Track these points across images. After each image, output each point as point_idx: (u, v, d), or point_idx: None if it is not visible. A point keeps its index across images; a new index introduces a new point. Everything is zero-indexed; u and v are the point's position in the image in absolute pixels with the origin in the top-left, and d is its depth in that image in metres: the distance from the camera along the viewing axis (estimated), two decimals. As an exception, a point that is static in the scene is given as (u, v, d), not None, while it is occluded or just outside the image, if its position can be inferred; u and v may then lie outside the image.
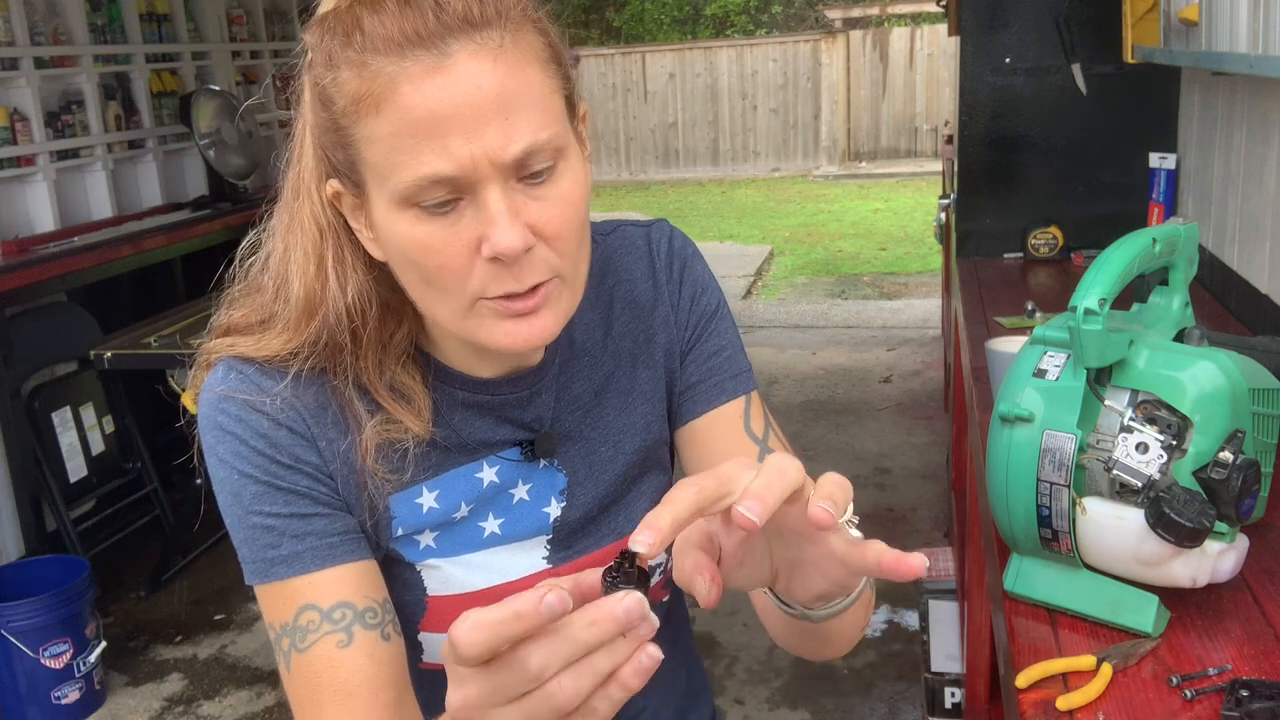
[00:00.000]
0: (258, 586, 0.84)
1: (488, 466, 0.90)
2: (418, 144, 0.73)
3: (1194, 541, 0.99)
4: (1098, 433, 1.06)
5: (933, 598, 2.82)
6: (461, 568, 0.89)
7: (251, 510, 0.82)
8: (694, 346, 0.98)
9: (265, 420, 0.82)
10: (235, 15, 5.02)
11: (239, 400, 0.83)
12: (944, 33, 8.73)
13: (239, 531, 0.84)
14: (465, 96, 0.72)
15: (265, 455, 0.82)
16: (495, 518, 0.90)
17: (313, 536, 0.83)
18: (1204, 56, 1.92)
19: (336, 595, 0.82)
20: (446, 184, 0.73)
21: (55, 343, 3.67)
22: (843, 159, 13.33)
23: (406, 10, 0.73)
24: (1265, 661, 1.00)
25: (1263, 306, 2.01)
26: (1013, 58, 2.94)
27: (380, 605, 0.84)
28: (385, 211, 0.77)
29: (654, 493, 0.96)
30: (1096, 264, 1.05)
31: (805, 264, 8.78)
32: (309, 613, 0.81)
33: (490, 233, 0.74)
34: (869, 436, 4.63)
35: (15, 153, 3.73)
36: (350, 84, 0.74)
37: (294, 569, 0.82)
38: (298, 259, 0.84)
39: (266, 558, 0.82)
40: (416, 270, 0.78)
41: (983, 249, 3.04)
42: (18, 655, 2.84)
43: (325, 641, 0.81)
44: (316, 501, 0.84)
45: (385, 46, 0.73)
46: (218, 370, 0.85)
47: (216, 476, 0.84)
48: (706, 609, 0.75)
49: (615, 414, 0.95)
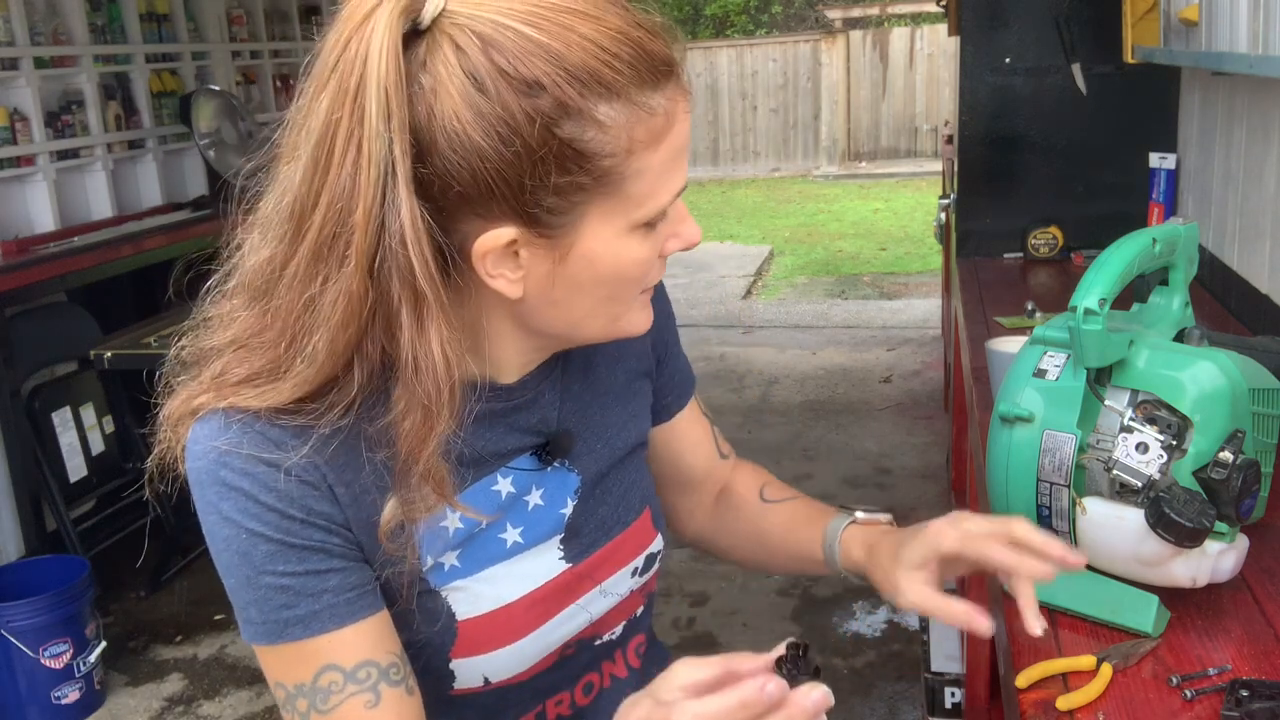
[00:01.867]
0: (265, 647, 0.80)
1: (502, 478, 0.89)
2: (675, 166, 0.78)
3: (1194, 541, 0.99)
4: (1098, 433, 1.06)
5: (933, 598, 2.82)
6: (488, 583, 0.87)
7: (264, 570, 0.78)
8: (668, 355, 1.06)
9: (274, 471, 0.77)
10: (235, 15, 5.02)
11: (244, 452, 0.77)
12: (944, 33, 8.73)
13: (248, 592, 0.79)
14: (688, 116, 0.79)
15: (276, 510, 0.77)
16: (514, 527, 0.90)
17: (329, 594, 0.79)
18: (1204, 56, 1.92)
19: (359, 654, 0.79)
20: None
21: (55, 343, 3.66)
22: (843, 159, 13.33)
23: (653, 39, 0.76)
24: (1265, 661, 1.00)
25: (1263, 306, 2.01)
26: (1013, 58, 2.94)
27: (400, 658, 0.82)
28: (610, 241, 0.78)
29: (639, 482, 1.00)
30: (1096, 264, 1.05)
31: (805, 264, 8.78)
32: (330, 673, 0.79)
33: (683, 230, 0.83)
34: (869, 436, 4.63)
35: (15, 153, 3.73)
36: (623, 124, 0.73)
37: (311, 629, 0.79)
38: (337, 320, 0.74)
39: (280, 619, 0.79)
40: (610, 287, 0.81)
41: (983, 249, 3.04)
42: (18, 655, 2.84)
43: (352, 703, 0.79)
44: (331, 555, 0.79)
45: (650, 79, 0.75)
46: (212, 421, 0.78)
47: (219, 534, 0.79)
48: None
49: (604, 411, 0.97)
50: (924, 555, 0.92)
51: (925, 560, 0.92)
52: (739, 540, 1.15)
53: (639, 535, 0.98)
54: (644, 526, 0.99)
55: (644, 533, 0.99)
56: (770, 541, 1.11)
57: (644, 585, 1.00)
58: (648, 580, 1.00)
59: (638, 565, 0.98)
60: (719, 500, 1.16)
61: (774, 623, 3.30)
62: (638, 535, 0.98)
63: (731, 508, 1.15)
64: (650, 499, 1.01)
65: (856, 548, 1.02)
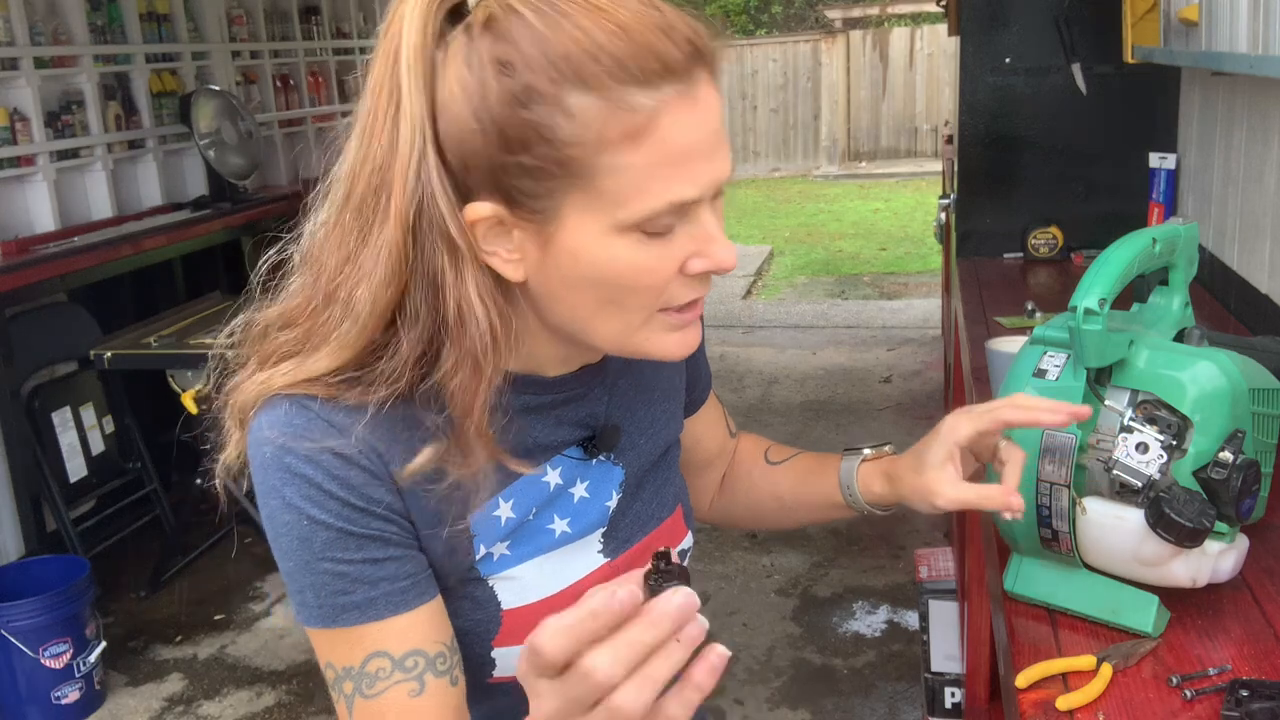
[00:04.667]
0: (318, 629, 0.82)
1: (551, 469, 0.90)
2: (672, 173, 0.75)
3: (1194, 541, 0.99)
4: (1098, 433, 1.06)
5: (933, 598, 2.82)
6: (535, 573, 0.89)
7: (323, 557, 0.80)
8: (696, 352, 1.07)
9: (339, 461, 0.79)
10: (235, 15, 5.02)
11: (309, 441, 0.79)
12: (944, 33, 8.73)
13: (305, 576, 0.80)
14: (708, 126, 0.76)
15: (338, 499, 0.79)
16: (560, 518, 0.91)
17: (385, 582, 0.81)
18: (1204, 56, 1.92)
19: (409, 643, 0.81)
20: (683, 209, 0.77)
21: (55, 343, 3.66)
22: (843, 159, 13.33)
23: (662, 40, 0.74)
24: (1265, 661, 1.00)
25: (1263, 306, 2.01)
26: (1013, 58, 2.94)
27: (448, 648, 0.84)
28: (594, 237, 0.76)
29: (673, 479, 1.02)
30: (1096, 264, 1.05)
31: (805, 264, 8.79)
32: (379, 660, 0.81)
33: (710, 250, 0.79)
34: (869, 436, 4.62)
35: (15, 153, 3.73)
36: (594, 116, 0.73)
37: (366, 616, 0.80)
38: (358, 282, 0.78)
39: (336, 604, 0.80)
40: (607, 290, 0.79)
41: (983, 249, 3.04)
42: (18, 655, 2.84)
43: (397, 690, 0.80)
44: (389, 544, 0.81)
45: (641, 77, 0.73)
46: (279, 408, 0.80)
47: (280, 519, 0.80)
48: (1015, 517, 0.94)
49: (646, 408, 0.98)
50: (946, 451, 0.97)
51: (949, 455, 0.97)
52: (756, 505, 1.19)
53: (672, 531, 0.99)
54: (676, 523, 1.00)
55: (676, 529, 1.00)
56: (787, 499, 1.15)
57: None
58: None
59: None
60: (728, 473, 1.21)
61: (774, 623, 3.30)
62: (670, 531, 0.99)
63: (741, 476, 1.19)
64: (682, 496, 1.02)
65: (875, 481, 1.06)
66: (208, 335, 3.46)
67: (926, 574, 3.01)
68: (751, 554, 3.68)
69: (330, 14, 5.81)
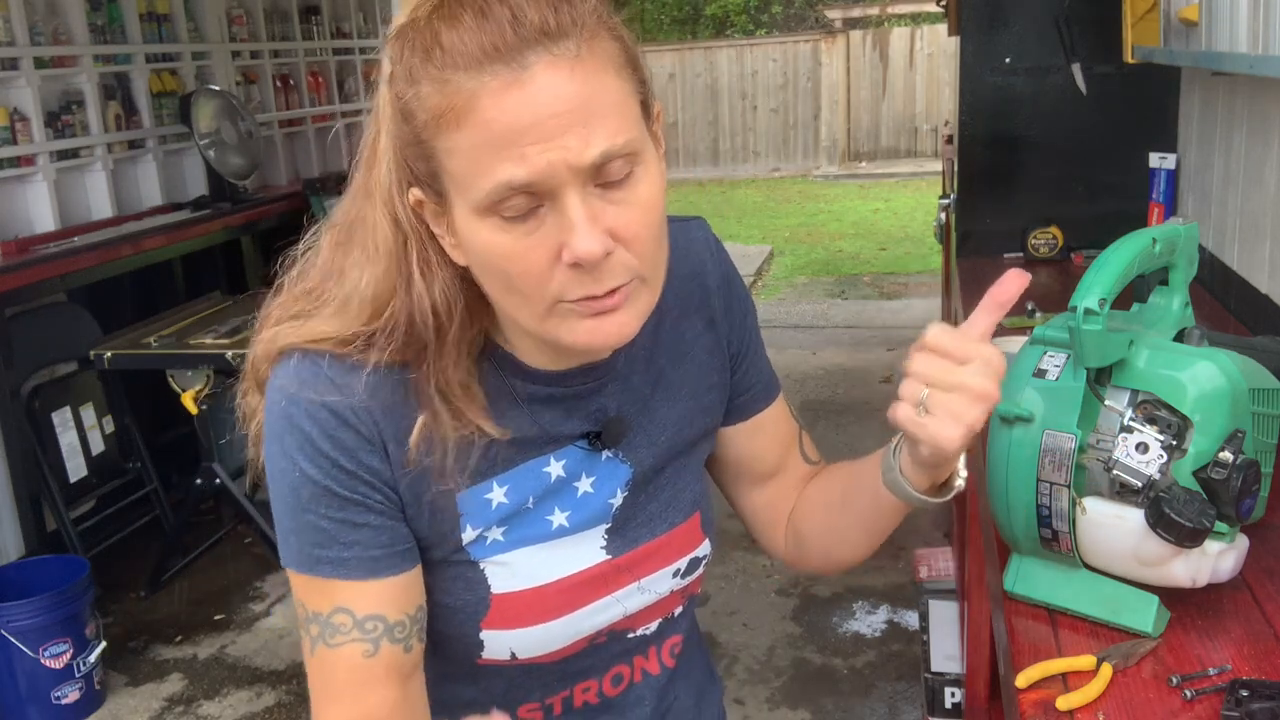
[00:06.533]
0: (295, 572, 0.86)
1: (555, 460, 0.91)
2: (497, 154, 0.74)
3: (1194, 541, 0.99)
4: (1098, 433, 1.06)
5: (933, 598, 2.82)
6: (528, 560, 0.90)
7: (307, 509, 0.84)
8: (746, 355, 1.07)
9: (335, 420, 0.83)
10: (235, 15, 5.02)
11: (313, 394, 0.83)
12: (944, 33, 8.72)
13: (290, 520, 0.85)
14: (545, 108, 0.73)
15: (329, 457, 0.83)
16: (561, 510, 0.91)
17: (359, 546, 0.84)
18: (1204, 56, 1.92)
19: (372, 607, 0.85)
20: (524, 191, 0.75)
21: (55, 343, 3.66)
22: (843, 159, 13.33)
23: (484, 24, 0.74)
24: (1265, 661, 1.00)
25: (1263, 306, 2.01)
26: (1013, 58, 2.94)
27: (410, 618, 0.87)
28: (467, 220, 0.78)
29: (692, 484, 1.00)
30: (1096, 264, 1.05)
31: (805, 264, 8.78)
32: (343, 615, 0.85)
33: (570, 240, 0.75)
34: (869, 436, 4.62)
35: (15, 153, 3.73)
36: (431, 99, 0.75)
37: (338, 572, 0.84)
38: (359, 256, 0.84)
39: (314, 555, 0.84)
40: (498, 276, 0.79)
41: (983, 249, 3.04)
42: (18, 655, 2.84)
43: (352, 648, 0.84)
44: (369, 510, 0.84)
45: (464, 61, 0.74)
46: (291, 359, 0.85)
47: (277, 465, 0.85)
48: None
49: (665, 407, 0.97)
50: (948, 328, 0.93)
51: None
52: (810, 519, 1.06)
53: (686, 537, 0.98)
54: (692, 529, 0.99)
55: (691, 535, 0.99)
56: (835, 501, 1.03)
57: (685, 587, 1.00)
58: (690, 583, 1.00)
59: (680, 567, 0.98)
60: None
61: (774, 623, 3.30)
62: (684, 537, 0.98)
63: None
64: (702, 503, 1.00)
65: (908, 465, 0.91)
66: (208, 335, 3.46)
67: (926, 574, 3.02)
68: (751, 554, 3.68)
69: (330, 14, 5.81)
